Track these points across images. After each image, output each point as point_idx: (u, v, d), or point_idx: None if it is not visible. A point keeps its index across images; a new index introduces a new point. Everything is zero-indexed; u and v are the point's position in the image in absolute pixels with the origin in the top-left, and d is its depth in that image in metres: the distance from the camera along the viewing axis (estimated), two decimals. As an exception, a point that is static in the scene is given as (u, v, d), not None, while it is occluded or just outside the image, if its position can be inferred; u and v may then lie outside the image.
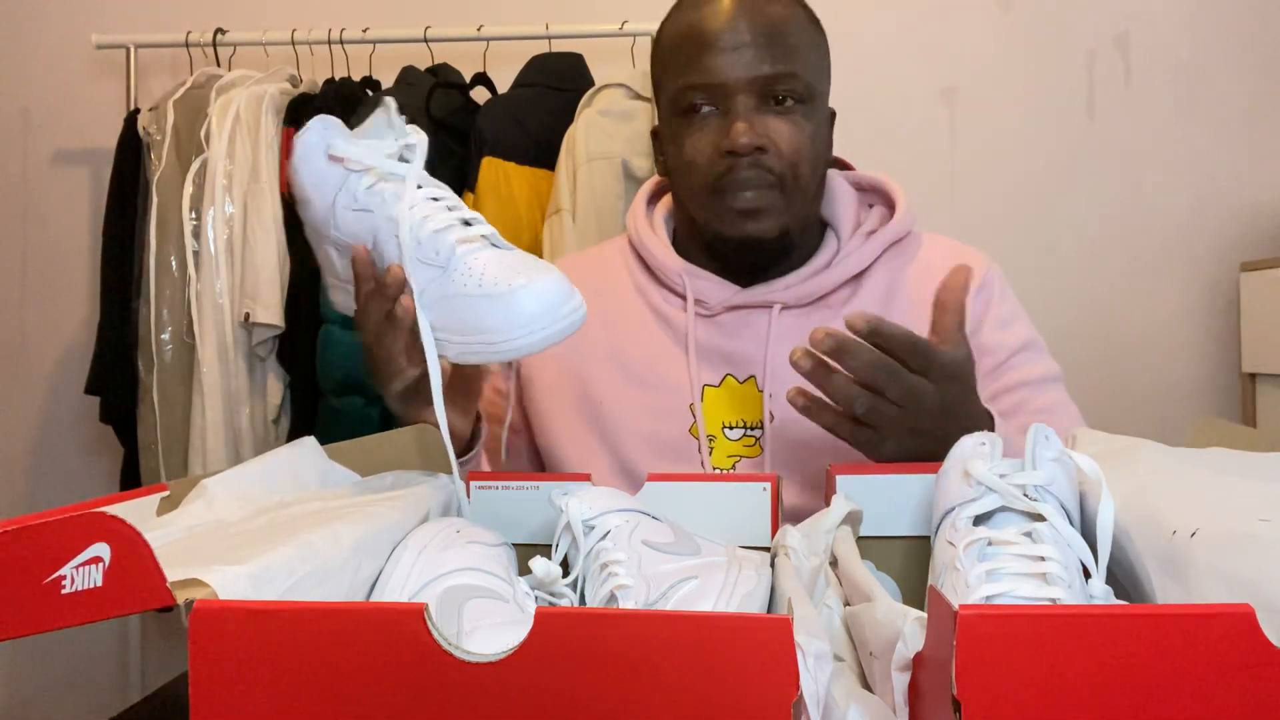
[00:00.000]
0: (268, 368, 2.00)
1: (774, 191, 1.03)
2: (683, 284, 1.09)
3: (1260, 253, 2.14)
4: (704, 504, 0.78)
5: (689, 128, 1.04)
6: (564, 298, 0.78)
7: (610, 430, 1.07)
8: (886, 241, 1.10)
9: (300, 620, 0.47)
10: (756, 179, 1.02)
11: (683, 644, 0.45)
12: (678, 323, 1.09)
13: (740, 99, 1.01)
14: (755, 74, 1.01)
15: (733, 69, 1.01)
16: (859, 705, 0.55)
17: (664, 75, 1.08)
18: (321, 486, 0.79)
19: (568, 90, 2.02)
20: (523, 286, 0.77)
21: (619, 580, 0.63)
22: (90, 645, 2.42)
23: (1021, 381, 1.08)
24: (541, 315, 0.77)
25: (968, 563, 0.57)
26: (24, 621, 0.49)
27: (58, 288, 2.44)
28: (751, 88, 1.01)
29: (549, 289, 0.77)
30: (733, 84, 1.01)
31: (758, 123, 1.01)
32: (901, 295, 1.09)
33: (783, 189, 1.03)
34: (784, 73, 1.02)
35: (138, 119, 2.09)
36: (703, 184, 1.04)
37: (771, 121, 1.02)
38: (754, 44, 1.01)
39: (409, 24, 2.11)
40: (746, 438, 1.06)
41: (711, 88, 1.02)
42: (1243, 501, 0.58)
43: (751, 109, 1.01)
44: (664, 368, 1.08)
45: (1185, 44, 2.22)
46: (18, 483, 2.47)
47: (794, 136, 1.02)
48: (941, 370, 0.87)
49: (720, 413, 1.07)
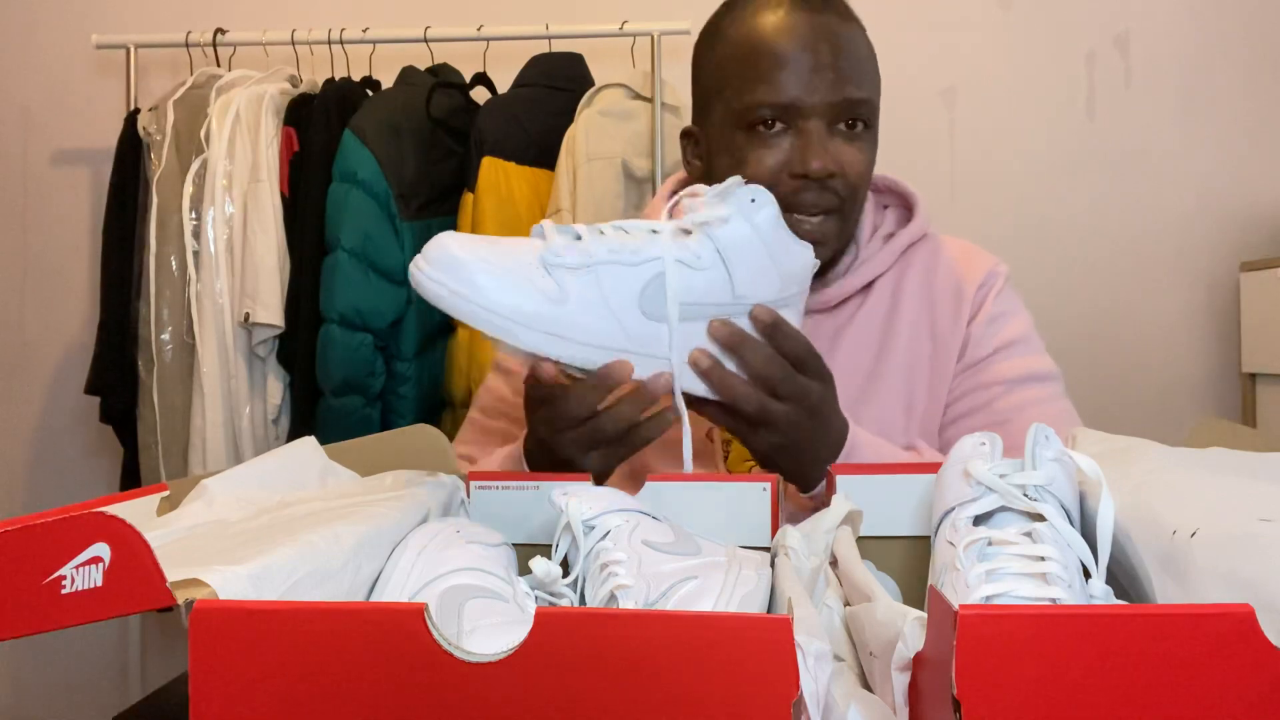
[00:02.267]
0: (268, 368, 2.00)
1: (834, 218, 1.02)
2: None
3: (1260, 253, 2.15)
4: (704, 504, 0.78)
5: (754, 142, 1.01)
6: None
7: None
8: (903, 246, 1.10)
9: (300, 620, 0.47)
10: (822, 203, 1.00)
11: (683, 644, 0.45)
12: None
13: (814, 121, 0.99)
14: (833, 98, 0.99)
15: (813, 91, 0.99)
16: (859, 705, 0.55)
17: (724, 83, 1.04)
18: (321, 486, 0.79)
19: (568, 90, 2.02)
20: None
21: (619, 580, 0.63)
22: (90, 645, 2.42)
23: (994, 380, 1.07)
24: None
25: (968, 563, 0.57)
26: (24, 621, 0.49)
27: (58, 288, 2.44)
28: (827, 111, 0.99)
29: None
30: (810, 107, 0.99)
31: (830, 147, 1.00)
32: (908, 297, 1.09)
33: (843, 214, 1.02)
34: (860, 99, 1.00)
35: (138, 119, 2.09)
36: None
37: (841, 147, 1.00)
38: (834, 67, 0.99)
39: (409, 24, 2.11)
40: None
41: (787, 107, 0.99)
42: (1243, 501, 0.58)
43: (824, 133, 1.00)
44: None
45: (1186, 44, 2.22)
46: (18, 483, 2.47)
47: (861, 163, 1.02)
48: (827, 378, 0.90)
49: None
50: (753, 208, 0.83)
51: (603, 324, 0.80)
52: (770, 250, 0.84)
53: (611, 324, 0.80)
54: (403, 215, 1.93)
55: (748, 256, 0.83)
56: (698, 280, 0.82)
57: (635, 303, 0.80)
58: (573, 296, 0.79)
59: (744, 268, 0.83)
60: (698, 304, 0.82)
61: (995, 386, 1.07)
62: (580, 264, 0.80)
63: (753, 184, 0.85)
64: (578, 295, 0.79)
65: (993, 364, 1.08)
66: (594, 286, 0.80)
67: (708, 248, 0.82)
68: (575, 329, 0.79)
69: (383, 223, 1.91)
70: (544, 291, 0.78)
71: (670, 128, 2.01)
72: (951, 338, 1.08)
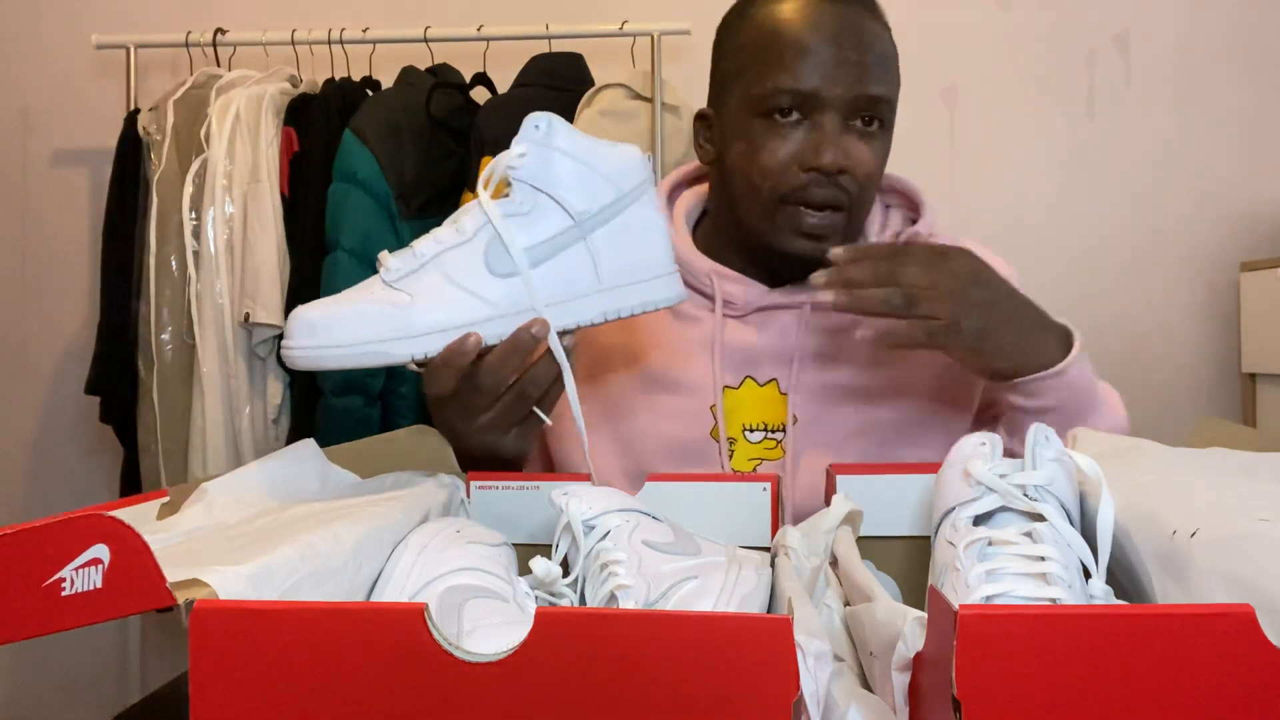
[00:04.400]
0: (268, 368, 2.00)
1: (841, 214, 1.00)
2: (710, 285, 1.06)
3: (1260, 253, 2.14)
4: (704, 504, 0.78)
5: (769, 131, 0.99)
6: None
7: (627, 433, 1.05)
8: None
9: (300, 620, 0.47)
10: (830, 198, 0.99)
11: (683, 644, 0.45)
12: (702, 322, 1.06)
13: (830, 115, 0.98)
14: (856, 93, 0.98)
15: (834, 83, 0.97)
16: (859, 705, 0.55)
17: (744, 67, 1.02)
18: (321, 489, 0.79)
19: (568, 90, 2.02)
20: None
21: (619, 580, 0.63)
22: (90, 645, 2.42)
23: None
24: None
25: (968, 563, 0.57)
26: (25, 624, 0.49)
27: (58, 288, 2.44)
28: (844, 105, 0.98)
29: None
30: (830, 99, 0.98)
31: (844, 141, 0.99)
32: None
33: (849, 211, 1.01)
34: (881, 96, 1.00)
35: (138, 119, 2.09)
36: (772, 193, 1.00)
37: (855, 143, 0.99)
38: (859, 62, 0.98)
39: (409, 24, 2.11)
40: (768, 440, 1.04)
41: (806, 96, 0.98)
42: (1243, 501, 0.58)
43: (839, 127, 0.99)
44: (684, 369, 1.05)
45: (1185, 44, 2.22)
46: (18, 483, 2.47)
47: (872, 161, 1.01)
48: (950, 247, 0.94)
49: (741, 414, 1.05)
50: (540, 132, 0.83)
51: (458, 304, 0.81)
52: (580, 160, 0.84)
53: (468, 300, 0.82)
54: (403, 215, 1.93)
55: (562, 176, 0.83)
56: (532, 221, 0.83)
57: (484, 271, 0.82)
58: (418, 294, 0.81)
59: (565, 188, 0.83)
60: (544, 241, 0.83)
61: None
62: (416, 266, 0.82)
63: (538, 114, 0.85)
64: (423, 291, 0.81)
65: None
66: (438, 277, 0.82)
67: (523, 189, 0.83)
68: (433, 318, 0.81)
69: (383, 222, 1.91)
70: (393, 303, 0.81)
71: (670, 128, 2.01)
72: None
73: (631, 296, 0.86)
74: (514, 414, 0.85)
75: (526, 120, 0.84)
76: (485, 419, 0.85)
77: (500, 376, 0.82)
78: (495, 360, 0.82)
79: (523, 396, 0.84)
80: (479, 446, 0.87)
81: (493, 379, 0.82)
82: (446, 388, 0.83)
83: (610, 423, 1.06)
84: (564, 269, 0.83)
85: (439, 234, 0.83)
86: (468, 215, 0.83)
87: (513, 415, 0.85)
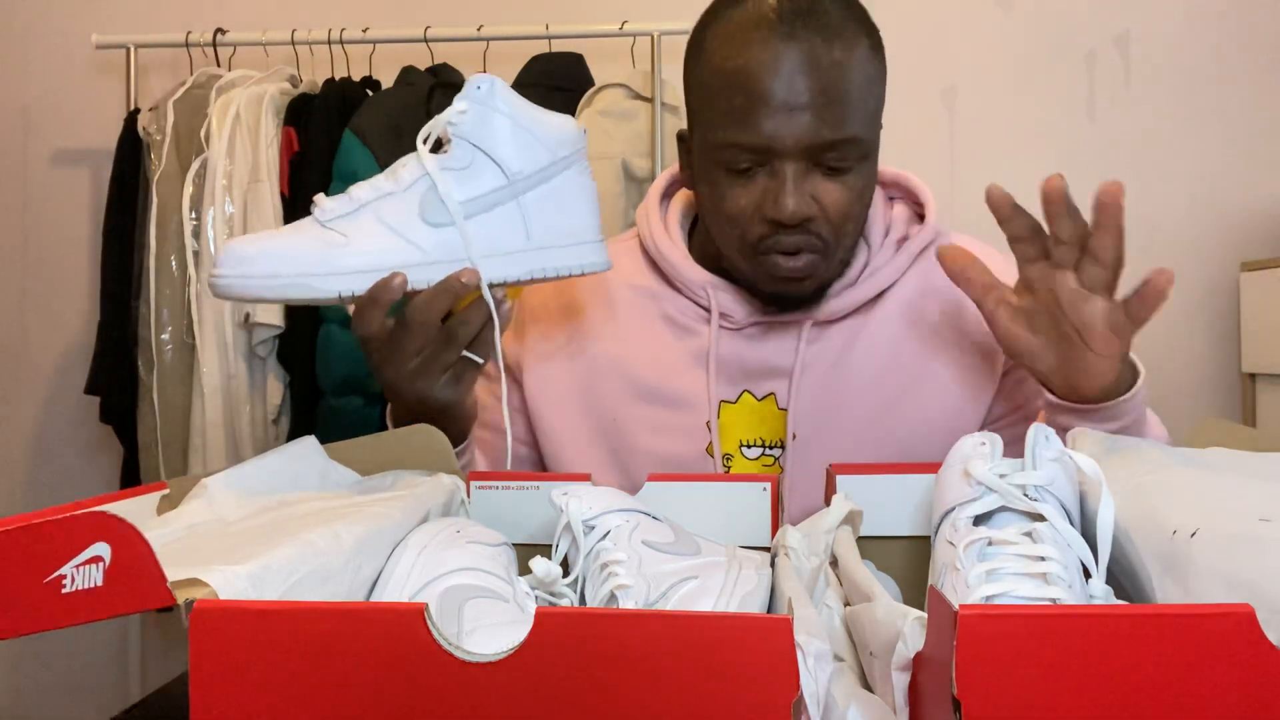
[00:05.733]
0: (268, 368, 2.00)
1: (816, 256, 0.95)
2: (707, 297, 1.02)
3: (1260, 253, 2.14)
4: (704, 504, 0.78)
5: (731, 183, 0.95)
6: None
7: (622, 447, 1.03)
8: (916, 251, 1.04)
9: (300, 620, 0.47)
10: (801, 244, 0.94)
11: (683, 644, 0.45)
12: (698, 334, 1.03)
13: (790, 163, 0.92)
14: (811, 141, 0.91)
15: (786, 133, 0.90)
16: (859, 705, 0.55)
17: (702, 108, 0.97)
18: (321, 486, 0.79)
19: (568, 90, 2.02)
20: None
21: (619, 580, 0.63)
22: (90, 645, 2.42)
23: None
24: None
25: (968, 563, 0.57)
26: (24, 621, 0.49)
27: (58, 288, 2.44)
28: (805, 154, 0.92)
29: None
30: (783, 149, 0.91)
31: (808, 186, 0.93)
32: (934, 299, 1.03)
33: (825, 253, 0.96)
34: (840, 139, 0.92)
35: (138, 119, 2.10)
36: (743, 242, 0.96)
37: (822, 185, 0.93)
38: (810, 106, 0.90)
39: (409, 24, 2.11)
40: (765, 457, 1.02)
41: (759, 150, 0.92)
42: (1243, 501, 0.58)
43: (801, 174, 0.92)
44: (680, 382, 1.02)
45: (1186, 44, 2.22)
46: (18, 483, 2.47)
47: (844, 200, 0.94)
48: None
49: (738, 431, 1.02)
50: (481, 93, 0.86)
51: (392, 247, 0.83)
52: (517, 122, 0.87)
53: (401, 244, 0.84)
54: (403, 215, 1.93)
55: (499, 136, 0.86)
56: (468, 176, 0.85)
57: (418, 219, 0.84)
58: (353, 235, 0.83)
59: (502, 147, 0.86)
60: (478, 196, 0.85)
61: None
62: (352, 209, 0.84)
63: (480, 75, 0.88)
64: (356, 232, 0.83)
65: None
66: (372, 221, 0.84)
67: (462, 146, 0.85)
68: (363, 259, 0.83)
69: (383, 223, 1.90)
70: (326, 242, 0.83)
71: (670, 127, 2.01)
72: (989, 339, 1.00)
73: (559, 258, 0.88)
74: (443, 356, 0.87)
75: (469, 80, 0.87)
76: (415, 363, 0.86)
77: (428, 315, 0.84)
78: (423, 300, 0.83)
79: (451, 337, 0.86)
80: (412, 396, 0.88)
81: (420, 316, 0.84)
82: (373, 326, 0.84)
83: (605, 439, 1.04)
84: (495, 225, 0.86)
85: (376, 181, 0.86)
86: (405, 167, 0.86)
87: (442, 357, 0.87)
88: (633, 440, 1.02)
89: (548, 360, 1.07)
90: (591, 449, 1.04)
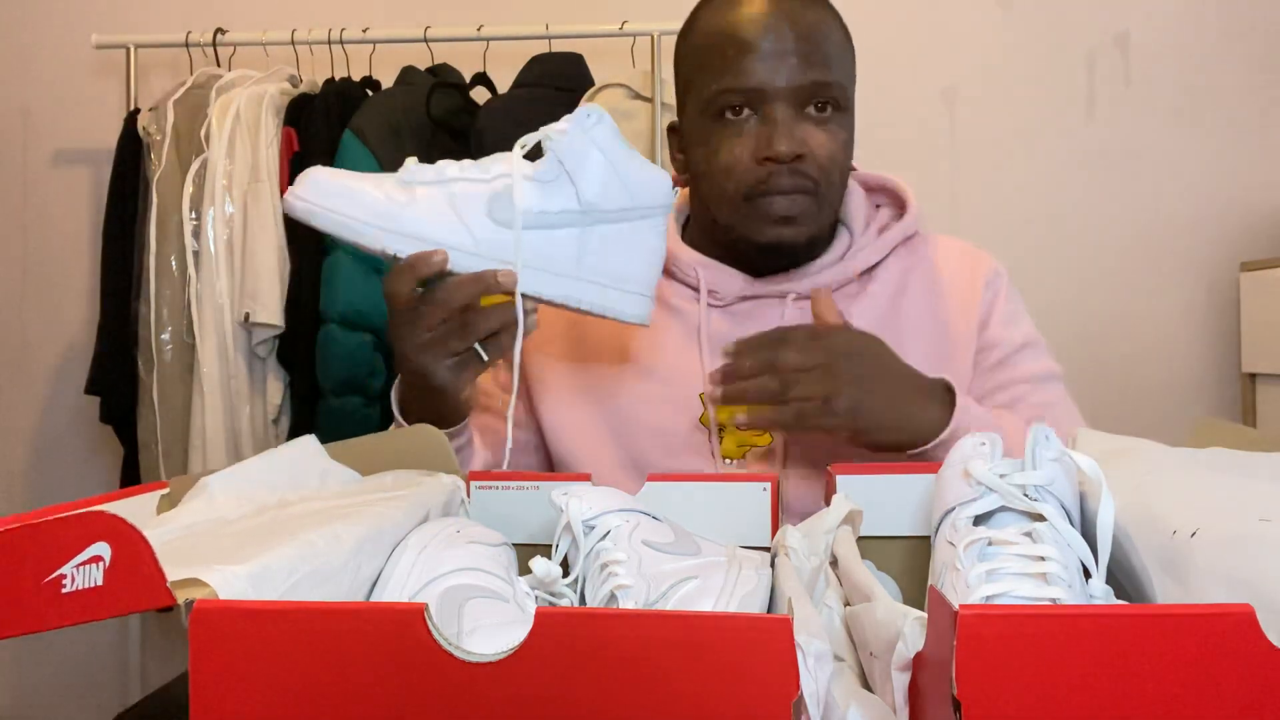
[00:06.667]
0: (268, 368, 2.00)
1: (809, 198, 1.03)
2: (695, 275, 1.10)
3: (1260, 253, 2.14)
4: (704, 504, 0.78)
5: (724, 131, 1.03)
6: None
7: (619, 422, 1.08)
8: (897, 239, 1.11)
9: (300, 620, 0.47)
10: (793, 185, 1.02)
11: (683, 644, 0.45)
12: (688, 313, 1.10)
13: (779, 106, 1.01)
14: (797, 81, 1.01)
15: (774, 75, 1.00)
16: (859, 705, 0.55)
17: (695, 74, 1.07)
18: (321, 486, 0.79)
19: (568, 90, 2.02)
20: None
21: (619, 580, 0.63)
22: (90, 645, 2.42)
23: (1022, 378, 1.09)
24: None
25: (968, 563, 0.57)
26: (24, 620, 0.49)
27: (58, 288, 2.44)
28: (792, 95, 1.01)
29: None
30: (773, 90, 1.01)
31: (797, 130, 1.01)
32: (912, 291, 1.10)
33: (817, 196, 1.03)
34: (824, 81, 1.01)
35: (138, 119, 2.09)
36: (737, 190, 1.03)
37: (809, 129, 1.02)
38: (796, 51, 1.01)
39: (409, 24, 2.11)
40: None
41: (751, 92, 1.01)
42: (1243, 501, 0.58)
43: (790, 116, 1.01)
44: (673, 358, 1.08)
45: (1186, 44, 2.22)
46: (18, 483, 2.47)
47: (830, 144, 1.02)
48: (842, 329, 0.97)
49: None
50: (589, 122, 0.89)
51: (449, 226, 0.87)
52: (610, 161, 0.89)
53: (458, 227, 0.87)
54: (403, 215, 1.93)
55: (589, 167, 0.88)
56: (545, 192, 0.88)
57: (484, 211, 0.87)
58: (420, 200, 0.86)
59: (587, 178, 0.88)
60: (546, 212, 0.88)
61: (1023, 384, 1.09)
62: (434, 180, 0.87)
63: (594, 105, 0.91)
64: (425, 199, 0.86)
65: (1019, 362, 1.10)
66: (443, 196, 0.87)
67: (551, 161, 0.88)
68: (419, 226, 0.86)
69: (383, 223, 1.90)
70: (392, 197, 0.86)
71: (670, 128, 2.01)
72: (964, 334, 1.09)
73: (598, 296, 0.90)
74: (455, 340, 0.89)
75: (583, 105, 0.90)
76: (428, 336, 0.88)
77: (454, 297, 0.86)
78: (454, 282, 0.86)
79: (468, 325, 0.88)
80: (416, 367, 0.90)
81: (444, 295, 0.86)
82: (403, 289, 0.87)
83: (602, 414, 1.09)
84: (552, 243, 0.88)
85: (465, 164, 0.89)
86: (497, 162, 0.89)
87: (454, 341, 0.89)
88: (629, 414, 1.08)
89: (547, 344, 1.12)
90: (589, 424, 1.09)
